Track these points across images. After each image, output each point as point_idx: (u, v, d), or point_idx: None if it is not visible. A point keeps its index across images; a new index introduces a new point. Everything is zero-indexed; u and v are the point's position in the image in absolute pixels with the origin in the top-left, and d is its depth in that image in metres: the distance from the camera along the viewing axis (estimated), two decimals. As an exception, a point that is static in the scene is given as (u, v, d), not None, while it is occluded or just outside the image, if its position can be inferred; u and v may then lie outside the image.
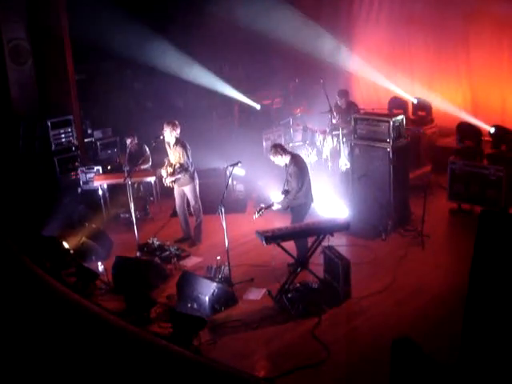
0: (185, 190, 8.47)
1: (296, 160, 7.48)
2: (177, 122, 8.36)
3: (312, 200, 7.56)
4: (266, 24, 11.80)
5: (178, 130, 8.32)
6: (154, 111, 13.05)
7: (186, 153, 8.27)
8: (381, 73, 11.93)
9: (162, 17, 11.72)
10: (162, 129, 8.32)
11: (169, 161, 8.44)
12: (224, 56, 13.22)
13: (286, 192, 7.39)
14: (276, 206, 7.46)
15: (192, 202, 8.52)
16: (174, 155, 8.34)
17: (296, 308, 6.42)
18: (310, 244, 7.09)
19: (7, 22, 10.17)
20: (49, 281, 2.86)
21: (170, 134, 8.26)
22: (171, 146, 8.37)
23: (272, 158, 7.57)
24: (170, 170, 8.31)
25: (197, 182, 8.48)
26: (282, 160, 7.47)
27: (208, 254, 8.14)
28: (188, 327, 5.88)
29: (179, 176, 8.29)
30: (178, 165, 8.26)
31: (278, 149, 7.49)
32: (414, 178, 9.60)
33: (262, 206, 7.56)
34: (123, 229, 9.23)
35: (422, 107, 11.61)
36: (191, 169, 8.34)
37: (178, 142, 8.31)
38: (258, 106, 12.71)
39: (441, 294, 6.59)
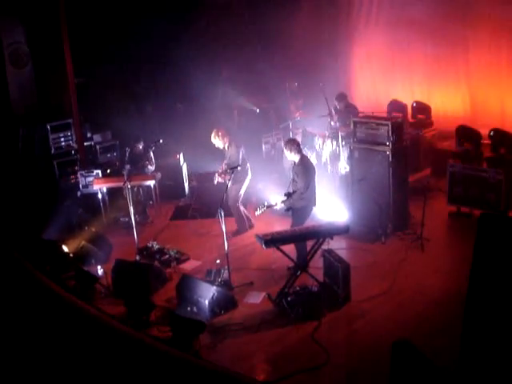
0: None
1: (305, 161, 7.54)
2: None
3: (314, 204, 7.56)
4: (266, 26, 11.84)
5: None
6: (153, 114, 13.06)
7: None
8: (380, 76, 11.96)
9: (163, 19, 11.73)
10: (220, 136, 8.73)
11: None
12: (223, 58, 13.22)
13: (288, 194, 7.38)
14: (279, 205, 7.44)
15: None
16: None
17: (296, 311, 6.41)
18: (309, 247, 7.09)
19: (7, 25, 10.20)
20: (48, 284, 2.85)
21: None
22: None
23: (285, 150, 7.66)
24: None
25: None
26: (292, 157, 7.50)
27: (207, 257, 8.15)
28: (188, 331, 5.88)
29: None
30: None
31: (294, 145, 7.50)
32: (413, 181, 9.59)
33: (265, 203, 7.52)
34: (123, 232, 9.23)
35: (422, 110, 11.62)
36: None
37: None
38: (257, 110, 12.71)
39: (440, 297, 6.59)
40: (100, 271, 7.67)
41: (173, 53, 11.78)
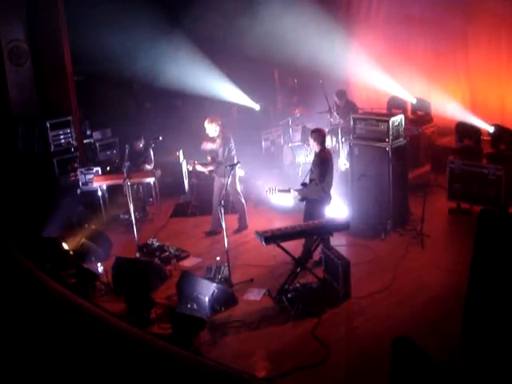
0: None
1: (324, 153, 7.43)
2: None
3: (329, 199, 7.41)
4: (265, 24, 11.81)
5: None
6: (152, 111, 13.04)
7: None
8: (379, 72, 11.93)
9: (162, 18, 11.72)
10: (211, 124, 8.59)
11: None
12: (223, 56, 13.21)
13: (304, 184, 7.34)
14: (293, 194, 7.32)
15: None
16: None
17: (296, 308, 6.42)
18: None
19: (6, 23, 10.18)
20: (48, 282, 2.85)
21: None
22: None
23: (309, 138, 7.59)
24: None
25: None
26: (314, 146, 7.48)
27: (208, 254, 8.15)
28: (188, 328, 5.88)
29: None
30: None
31: (321, 136, 7.43)
32: (413, 177, 9.60)
33: (277, 187, 7.32)
34: (123, 230, 9.23)
35: (421, 107, 11.62)
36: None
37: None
38: (257, 107, 12.69)
39: (440, 294, 6.59)
40: (100, 268, 7.67)
41: (170, 48, 11.78)
